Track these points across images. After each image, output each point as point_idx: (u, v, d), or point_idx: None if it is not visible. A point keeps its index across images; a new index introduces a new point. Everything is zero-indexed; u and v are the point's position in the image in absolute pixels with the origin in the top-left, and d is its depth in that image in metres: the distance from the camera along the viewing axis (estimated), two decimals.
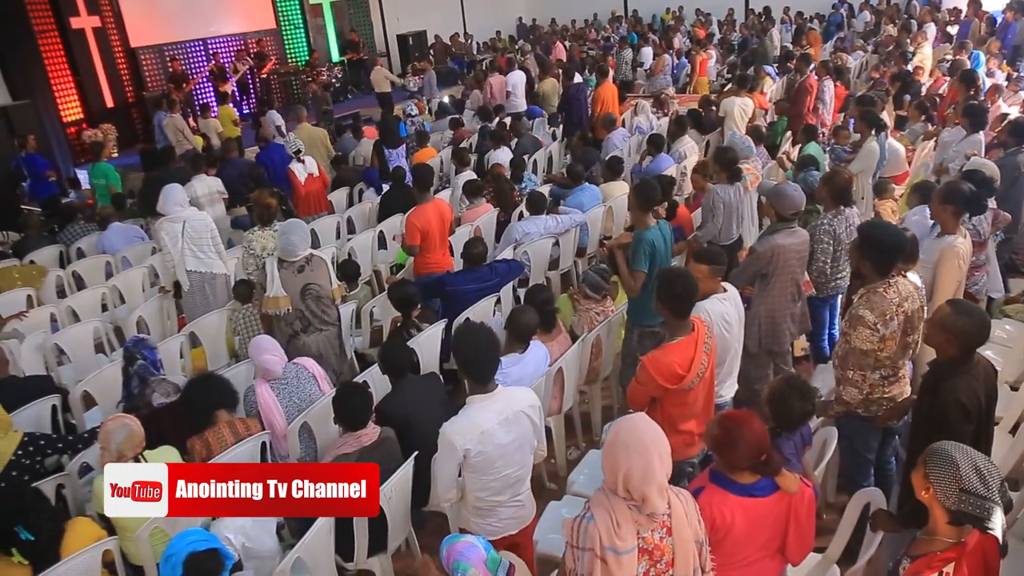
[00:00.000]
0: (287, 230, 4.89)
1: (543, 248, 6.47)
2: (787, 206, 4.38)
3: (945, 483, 2.24)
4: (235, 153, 8.93)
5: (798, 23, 18.14)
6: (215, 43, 16.66)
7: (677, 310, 3.29)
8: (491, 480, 3.02)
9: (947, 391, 2.95)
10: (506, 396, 3.05)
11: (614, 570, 2.25)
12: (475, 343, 3.00)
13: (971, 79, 8.16)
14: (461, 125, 11.32)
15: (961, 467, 2.23)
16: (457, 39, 21.28)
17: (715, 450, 2.63)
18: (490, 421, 2.96)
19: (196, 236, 6.06)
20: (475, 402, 3.00)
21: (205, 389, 4.05)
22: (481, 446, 2.93)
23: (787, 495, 2.58)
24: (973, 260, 4.64)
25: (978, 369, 3.02)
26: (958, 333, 2.94)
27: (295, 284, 4.80)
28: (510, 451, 3.02)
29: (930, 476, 2.28)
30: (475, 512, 3.10)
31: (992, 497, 2.22)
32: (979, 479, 2.21)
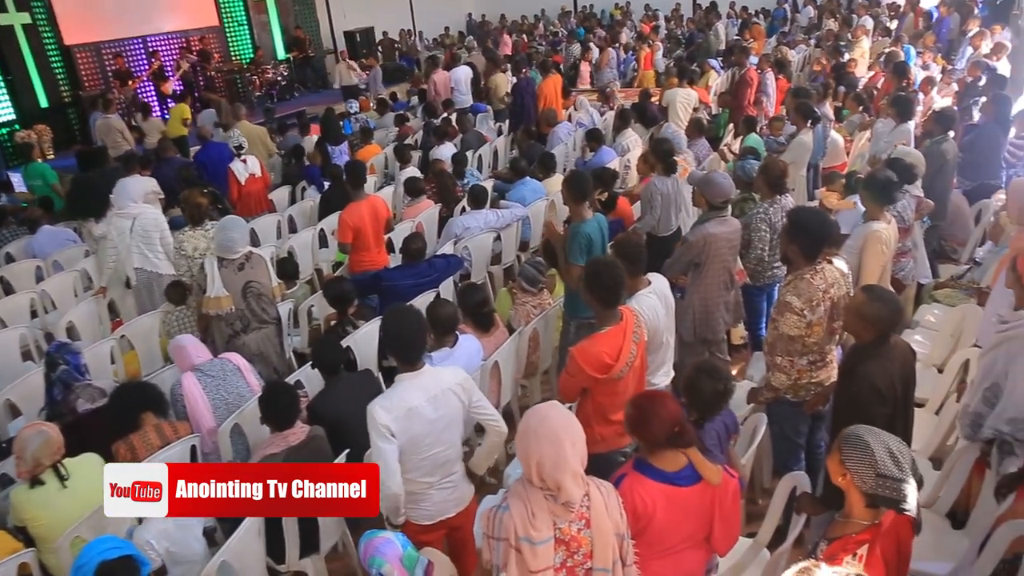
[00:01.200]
0: (226, 226, 4.80)
1: (484, 243, 6.45)
2: (716, 194, 4.42)
3: (861, 468, 2.28)
4: (171, 152, 8.74)
5: (743, 17, 18.40)
6: (155, 41, 16.26)
7: (605, 300, 3.29)
8: (421, 459, 3.00)
9: (862, 375, 3.01)
10: (433, 374, 3.04)
11: (529, 560, 2.24)
12: (402, 324, 3.00)
13: (902, 71, 8.36)
14: (406, 121, 11.23)
15: (876, 452, 2.27)
16: (405, 36, 21.12)
17: (631, 429, 2.63)
18: (417, 398, 2.95)
19: (145, 234, 5.94)
20: (403, 380, 2.99)
21: (129, 392, 3.96)
22: (407, 423, 2.91)
23: (710, 486, 2.60)
24: (899, 246, 4.74)
25: (894, 352, 3.07)
26: (873, 319, 3.00)
27: (236, 283, 4.71)
28: (438, 429, 3.01)
29: (846, 462, 2.32)
30: (408, 497, 3.06)
31: (907, 479, 2.26)
32: (893, 462, 2.26)
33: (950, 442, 3.99)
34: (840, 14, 16.44)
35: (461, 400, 3.06)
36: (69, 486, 3.45)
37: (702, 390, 3.02)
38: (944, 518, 3.54)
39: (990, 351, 3.32)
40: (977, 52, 10.07)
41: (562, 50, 16.34)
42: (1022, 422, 3.08)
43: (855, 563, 2.25)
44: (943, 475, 3.64)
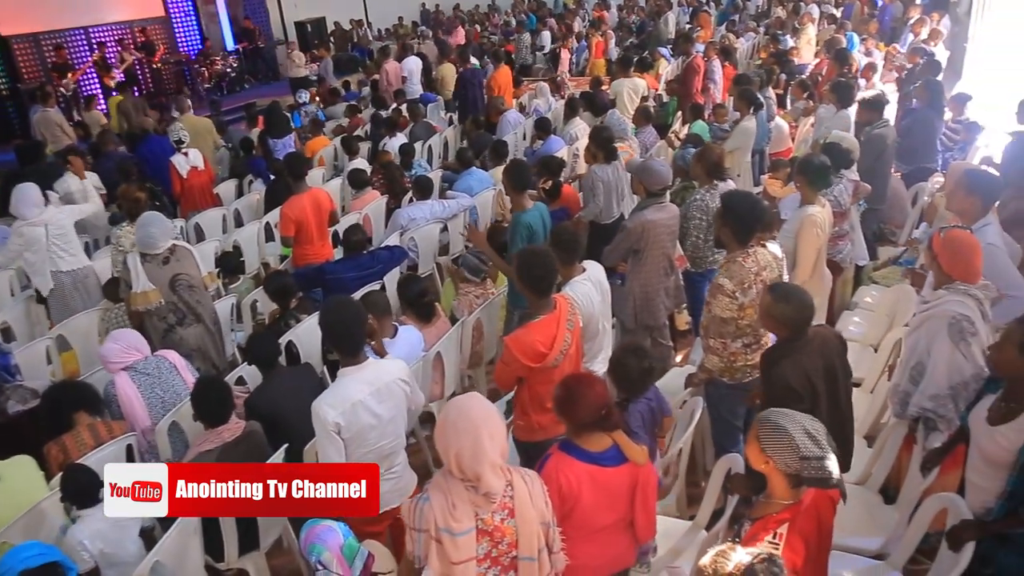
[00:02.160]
0: (144, 223, 4.70)
1: (430, 233, 6.42)
2: (654, 182, 4.45)
3: (784, 453, 2.31)
4: (112, 146, 8.54)
5: (693, 6, 18.51)
6: (98, 32, 15.86)
7: (537, 289, 3.30)
8: (366, 452, 3.00)
9: (776, 377, 3.06)
10: (376, 367, 3.04)
11: (450, 551, 2.24)
12: (340, 315, 2.99)
13: (843, 58, 8.50)
14: (358, 112, 11.12)
15: (795, 435, 2.30)
16: (357, 26, 20.89)
17: (559, 411, 2.65)
18: (361, 392, 2.94)
19: (62, 234, 5.79)
20: (346, 374, 2.99)
21: (61, 392, 3.88)
22: (353, 417, 2.91)
23: (636, 467, 2.62)
24: (836, 230, 4.82)
25: (812, 346, 3.10)
26: (780, 319, 3.05)
27: (162, 276, 4.62)
28: (383, 422, 3.01)
29: (766, 450, 2.35)
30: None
31: (827, 454, 2.30)
32: (812, 442, 2.30)
33: (884, 420, 4.09)
34: (788, 2, 16.62)
35: (405, 391, 3.07)
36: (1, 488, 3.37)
37: (628, 368, 3.05)
38: (877, 494, 3.63)
39: (914, 331, 3.41)
40: (917, 39, 10.26)
41: (515, 40, 16.28)
42: (943, 398, 3.17)
43: (775, 542, 2.29)
44: (875, 452, 3.74)
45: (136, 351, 4.12)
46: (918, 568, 3.20)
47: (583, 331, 3.61)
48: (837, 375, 3.19)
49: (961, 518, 2.78)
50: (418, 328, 4.38)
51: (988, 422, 2.78)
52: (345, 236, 5.48)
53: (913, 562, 3.15)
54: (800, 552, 2.29)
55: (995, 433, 2.73)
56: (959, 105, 7.14)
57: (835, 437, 3.20)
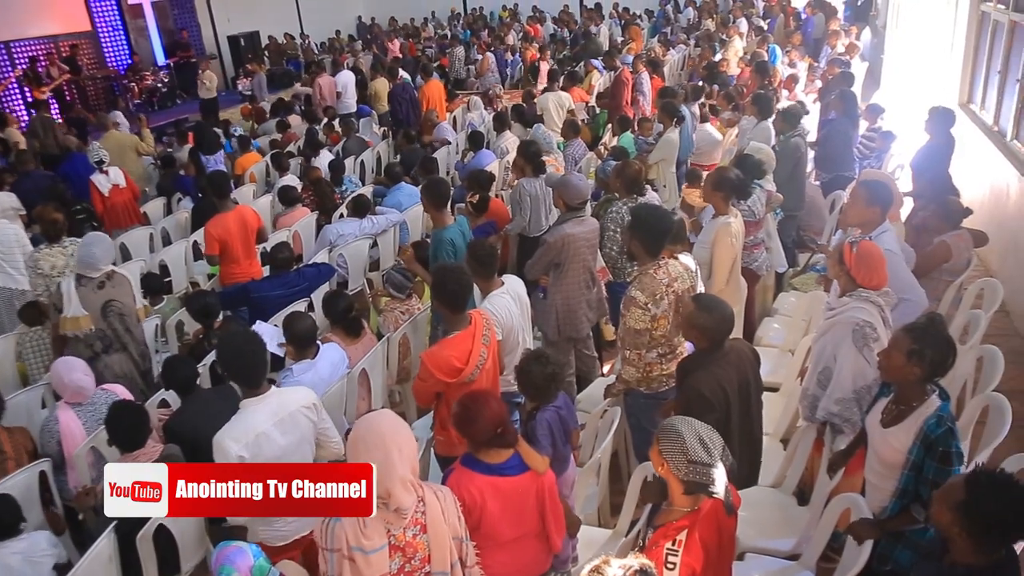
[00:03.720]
0: (88, 242, 4.63)
1: (359, 249, 6.40)
2: (573, 196, 4.53)
3: (675, 456, 2.38)
4: (31, 165, 8.29)
5: (625, 18, 18.85)
6: (20, 46, 15.39)
7: (452, 305, 3.34)
8: None
9: (691, 384, 3.14)
10: (280, 397, 3.01)
11: (363, 569, 2.25)
12: (235, 348, 2.96)
13: (764, 70, 8.75)
14: (288, 128, 11.02)
15: (687, 440, 2.37)
16: (291, 39, 20.70)
17: (458, 427, 2.69)
18: (264, 423, 2.91)
19: (6, 250, 5.62)
20: (248, 405, 2.95)
21: None
22: (257, 448, 2.87)
23: (538, 476, 2.67)
24: (751, 239, 4.97)
25: (728, 358, 3.20)
26: (702, 328, 3.14)
27: (95, 301, 4.55)
28: (289, 452, 2.97)
29: (663, 452, 2.41)
30: (260, 520, 3.03)
31: (715, 463, 2.37)
32: (703, 448, 2.36)
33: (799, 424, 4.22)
34: (717, 15, 17.05)
35: (311, 420, 3.05)
36: None
37: (532, 375, 3.09)
38: (791, 496, 3.74)
39: (820, 336, 3.53)
40: (834, 51, 10.63)
41: (449, 53, 16.34)
42: (848, 402, 3.29)
43: (674, 548, 2.35)
44: (788, 455, 3.85)
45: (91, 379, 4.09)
46: (830, 566, 3.29)
47: (502, 344, 3.66)
48: (750, 388, 3.30)
49: (861, 517, 2.89)
50: (345, 344, 4.36)
51: (881, 424, 2.90)
52: (271, 254, 5.44)
53: (825, 559, 3.25)
54: (699, 558, 2.35)
55: (887, 435, 2.85)
56: (873, 115, 7.42)
57: (744, 447, 3.34)
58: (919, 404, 2.79)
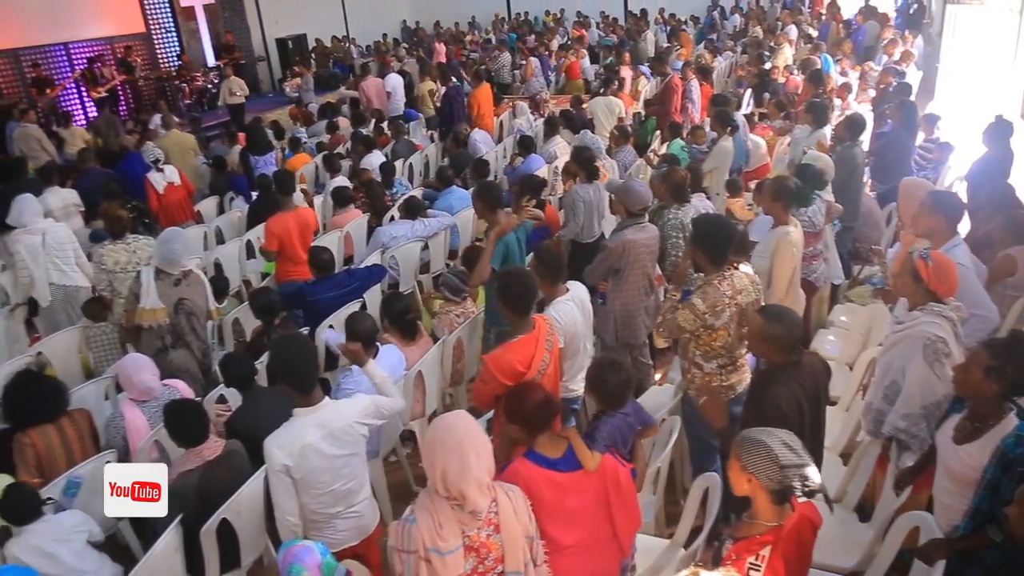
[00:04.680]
0: (168, 239, 4.74)
1: (411, 252, 6.44)
2: (635, 202, 4.51)
3: (763, 466, 2.34)
4: (92, 163, 8.50)
5: (672, 24, 18.76)
6: (79, 48, 15.80)
7: (517, 309, 3.34)
8: (320, 494, 3.00)
9: (769, 400, 3.08)
10: (333, 409, 3.02)
11: (439, 570, 2.26)
12: (289, 354, 2.98)
13: (818, 79, 8.63)
14: (337, 129, 11.15)
15: (774, 447, 2.35)
16: (338, 42, 20.94)
17: (510, 415, 2.78)
18: (312, 435, 2.93)
19: (59, 248, 5.79)
20: (299, 416, 2.98)
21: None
22: (302, 459, 2.90)
23: (598, 476, 2.69)
24: (810, 250, 4.91)
25: (804, 373, 3.15)
26: (772, 339, 3.09)
27: (170, 297, 4.66)
28: (337, 465, 3.00)
29: (747, 467, 2.38)
30: (311, 525, 3.07)
31: (807, 462, 2.35)
32: (791, 451, 2.34)
33: (859, 438, 4.16)
34: (765, 22, 16.90)
35: (368, 426, 3.08)
36: None
37: (608, 383, 3.08)
38: (852, 512, 3.68)
39: (887, 350, 3.48)
40: (890, 59, 10.47)
41: (494, 58, 16.39)
42: (916, 418, 3.24)
43: (757, 563, 2.33)
44: (849, 471, 3.80)
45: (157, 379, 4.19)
46: None
47: (563, 350, 3.66)
48: (822, 402, 3.26)
49: (931, 536, 2.84)
50: (401, 346, 4.40)
51: (954, 441, 2.85)
52: (312, 257, 5.45)
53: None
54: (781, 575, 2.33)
55: (960, 452, 2.79)
56: (930, 125, 7.30)
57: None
58: (996, 422, 2.74)
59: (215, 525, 3.36)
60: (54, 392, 3.91)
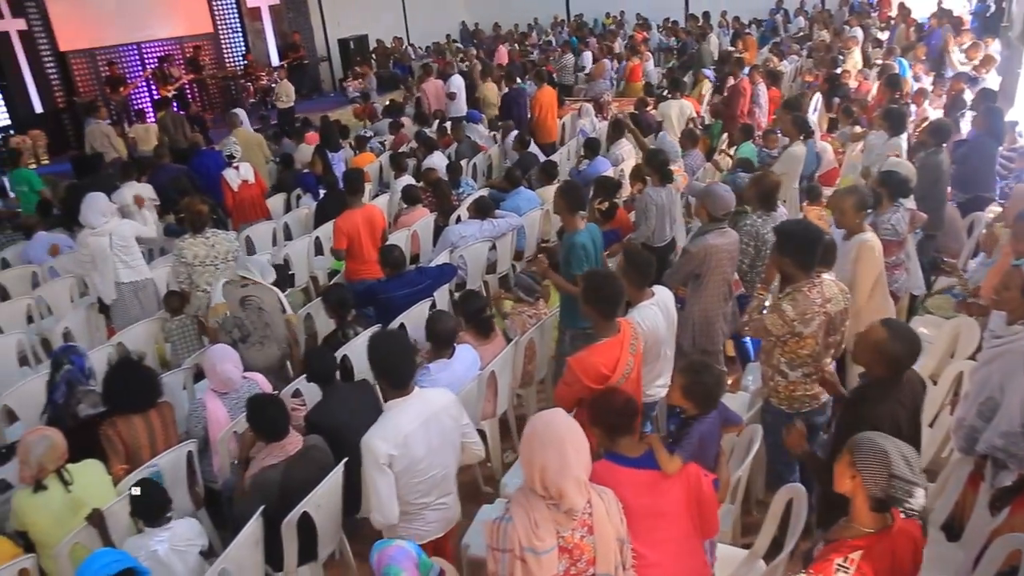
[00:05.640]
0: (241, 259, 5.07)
1: (479, 252, 6.46)
2: (719, 207, 4.43)
3: (874, 470, 2.28)
4: (167, 159, 8.72)
5: (735, 28, 18.50)
6: (150, 47, 16.27)
7: (603, 312, 3.31)
8: (418, 483, 3.01)
9: (868, 418, 2.95)
10: (423, 397, 3.05)
11: (534, 570, 2.25)
12: (389, 348, 3.01)
13: (896, 83, 8.40)
14: (401, 128, 11.25)
15: (891, 454, 2.28)
16: (398, 43, 21.16)
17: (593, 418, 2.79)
18: (411, 423, 2.95)
19: (125, 245, 5.93)
20: (394, 406, 3.00)
21: None
22: (405, 448, 2.92)
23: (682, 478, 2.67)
24: (893, 259, 4.77)
25: (905, 391, 3.06)
26: (891, 358, 2.98)
27: (235, 295, 4.81)
28: (434, 451, 3.02)
29: (857, 464, 2.32)
30: (403, 517, 3.08)
31: (918, 482, 2.28)
32: (907, 466, 2.27)
33: (944, 455, 4.03)
34: (832, 25, 16.54)
35: (454, 421, 3.09)
36: (71, 491, 3.45)
37: (707, 385, 3.02)
38: (939, 530, 3.57)
39: (984, 365, 3.36)
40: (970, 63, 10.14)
41: (555, 59, 16.36)
42: (1015, 436, 3.11)
43: (845, 566, 2.27)
44: (937, 488, 3.67)
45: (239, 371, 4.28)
46: None
47: (645, 354, 3.62)
48: (920, 421, 3.16)
49: None
50: (475, 345, 4.41)
51: None
52: (383, 255, 5.49)
53: None
54: None
55: None
56: (1010, 133, 7.06)
57: None
58: None
59: (296, 518, 3.40)
60: (150, 383, 4.01)
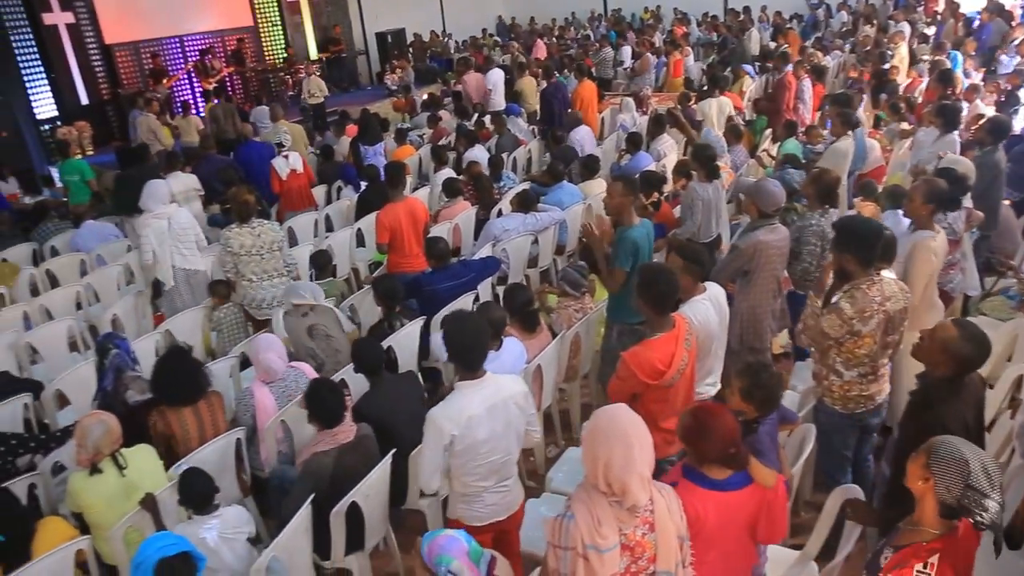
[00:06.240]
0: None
1: (522, 245, 6.44)
2: (769, 203, 4.36)
3: (950, 478, 2.22)
4: (212, 150, 8.83)
5: (776, 22, 18.24)
6: (192, 40, 16.48)
7: (658, 306, 3.27)
8: (477, 466, 3.00)
9: (935, 418, 2.90)
10: (495, 383, 3.03)
11: (596, 568, 2.22)
12: (465, 330, 2.99)
13: (948, 79, 8.20)
14: (440, 121, 11.26)
15: (971, 464, 2.22)
16: (435, 37, 21.19)
17: (686, 440, 2.61)
18: (477, 407, 2.95)
19: (182, 233, 6.02)
20: (464, 388, 2.99)
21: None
22: (467, 430, 2.92)
23: (760, 488, 2.58)
24: (949, 258, 4.66)
25: (969, 389, 2.99)
26: (960, 358, 2.92)
27: (300, 326, 4.81)
28: (496, 437, 3.00)
29: (932, 466, 2.26)
30: (461, 498, 3.08)
31: (993, 495, 2.21)
32: (986, 478, 2.21)
33: (1002, 459, 3.93)
34: (876, 19, 16.23)
35: (521, 410, 3.07)
36: (126, 476, 3.50)
37: (768, 385, 2.96)
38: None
39: None
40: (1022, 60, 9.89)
41: (593, 53, 16.26)
42: None
43: (926, 571, 2.22)
44: None
45: (285, 359, 4.31)
46: None
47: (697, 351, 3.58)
48: (983, 422, 3.09)
49: None
50: (521, 339, 4.39)
51: None
52: (428, 247, 5.50)
53: None
54: None
55: None
56: None
57: None
58: None
59: (345, 507, 3.42)
60: (198, 376, 4.03)
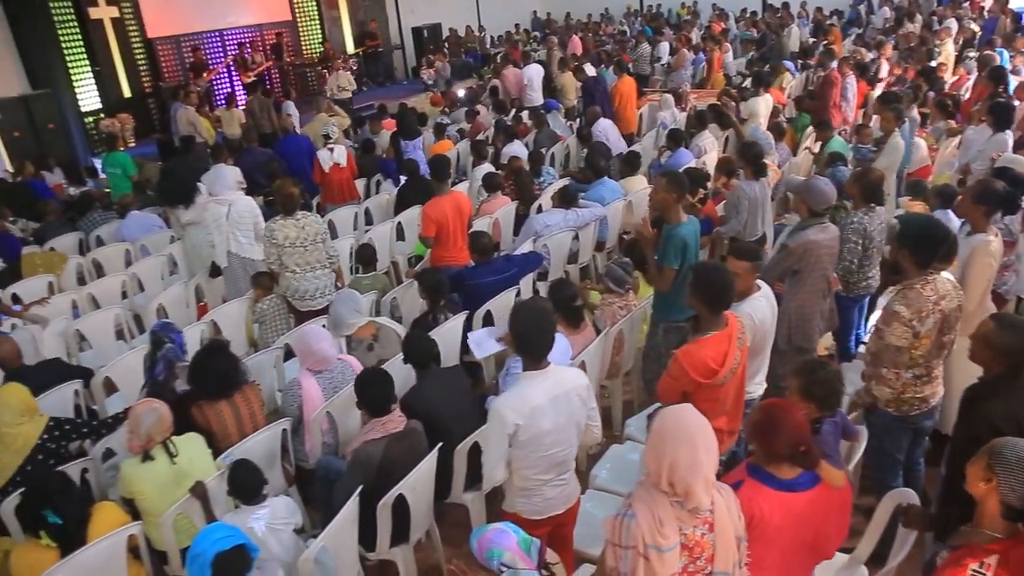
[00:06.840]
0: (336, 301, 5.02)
1: (562, 241, 6.42)
2: (819, 201, 4.30)
3: (1015, 479, 2.18)
4: (255, 143, 8.92)
5: (816, 19, 18.00)
6: (231, 34, 16.68)
7: (713, 304, 3.24)
8: (539, 458, 2.98)
9: (981, 414, 2.87)
10: (557, 374, 3.00)
11: (656, 568, 2.21)
12: (532, 320, 2.96)
13: (999, 76, 8.01)
14: (477, 116, 11.27)
15: None
16: (471, 32, 21.23)
17: (755, 437, 2.58)
18: (540, 397, 2.92)
19: (240, 220, 6.10)
20: (528, 378, 2.96)
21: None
22: (531, 420, 2.89)
23: (827, 489, 2.54)
24: (1004, 260, 4.57)
25: (1022, 386, 2.91)
26: (1003, 350, 2.87)
27: (367, 362, 4.67)
28: (559, 428, 2.97)
29: (996, 469, 2.22)
30: (520, 492, 3.06)
31: None
32: None
33: None
34: (921, 16, 15.94)
35: (583, 402, 3.04)
36: (176, 463, 3.55)
37: (828, 383, 2.93)
38: None
39: None
40: None
41: (630, 49, 16.16)
42: None
43: (981, 571, 2.17)
44: None
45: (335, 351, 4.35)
46: None
47: (751, 348, 3.54)
48: None
49: None
50: (565, 334, 4.37)
51: None
52: (471, 241, 5.50)
53: None
54: None
55: None
56: None
57: None
58: None
59: (392, 499, 3.44)
60: (229, 371, 4.05)
